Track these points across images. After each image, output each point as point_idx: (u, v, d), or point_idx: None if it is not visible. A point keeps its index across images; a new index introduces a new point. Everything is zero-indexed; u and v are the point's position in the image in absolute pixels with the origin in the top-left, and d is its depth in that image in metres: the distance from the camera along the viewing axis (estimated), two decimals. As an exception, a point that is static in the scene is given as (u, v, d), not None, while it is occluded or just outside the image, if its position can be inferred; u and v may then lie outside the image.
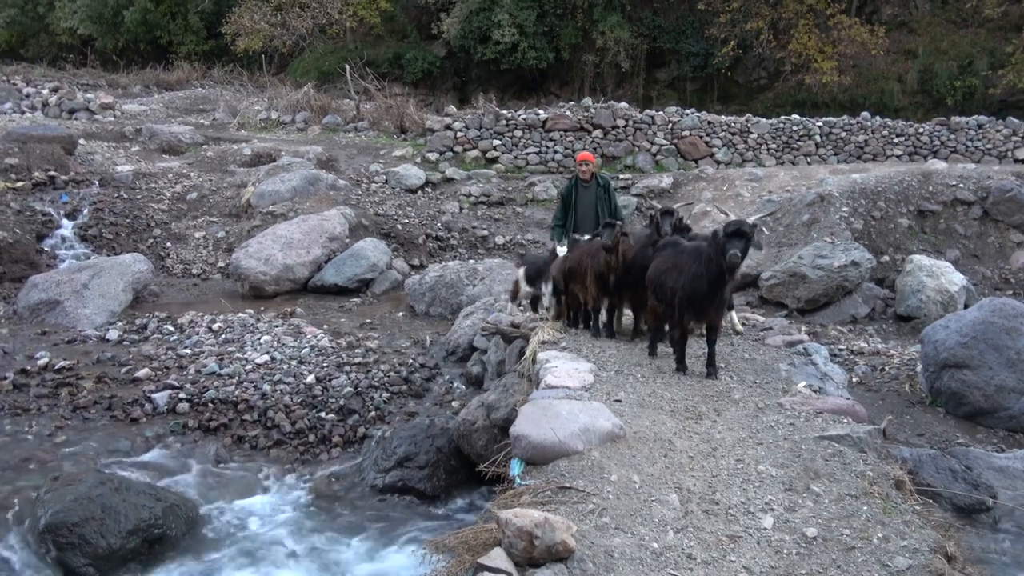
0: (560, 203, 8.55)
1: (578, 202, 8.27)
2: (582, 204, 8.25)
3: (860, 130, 16.31)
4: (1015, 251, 11.94)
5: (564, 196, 8.44)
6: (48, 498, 5.30)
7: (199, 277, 11.99)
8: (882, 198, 12.13)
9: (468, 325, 8.78)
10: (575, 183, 8.33)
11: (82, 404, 7.24)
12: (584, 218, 8.11)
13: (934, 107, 19.57)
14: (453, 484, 6.29)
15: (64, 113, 19.36)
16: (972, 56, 20.00)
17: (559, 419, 4.13)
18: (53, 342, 8.74)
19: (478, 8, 21.22)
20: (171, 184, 14.18)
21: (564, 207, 8.37)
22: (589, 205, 8.20)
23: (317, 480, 6.43)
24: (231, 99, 21.70)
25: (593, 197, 8.27)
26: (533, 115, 16.24)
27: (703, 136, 16.28)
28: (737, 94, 22.45)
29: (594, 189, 8.30)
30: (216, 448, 6.77)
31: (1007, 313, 6.61)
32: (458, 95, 23.60)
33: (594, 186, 8.32)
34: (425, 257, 12.83)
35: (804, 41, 19.89)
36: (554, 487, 3.61)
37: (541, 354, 5.61)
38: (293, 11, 24.27)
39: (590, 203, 8.22)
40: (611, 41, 21.43)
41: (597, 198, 8.28)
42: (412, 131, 18.14)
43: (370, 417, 7.36)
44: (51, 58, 28.97)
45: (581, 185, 8.30)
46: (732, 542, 3.25)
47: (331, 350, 8.75)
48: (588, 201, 8.25)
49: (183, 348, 8.72)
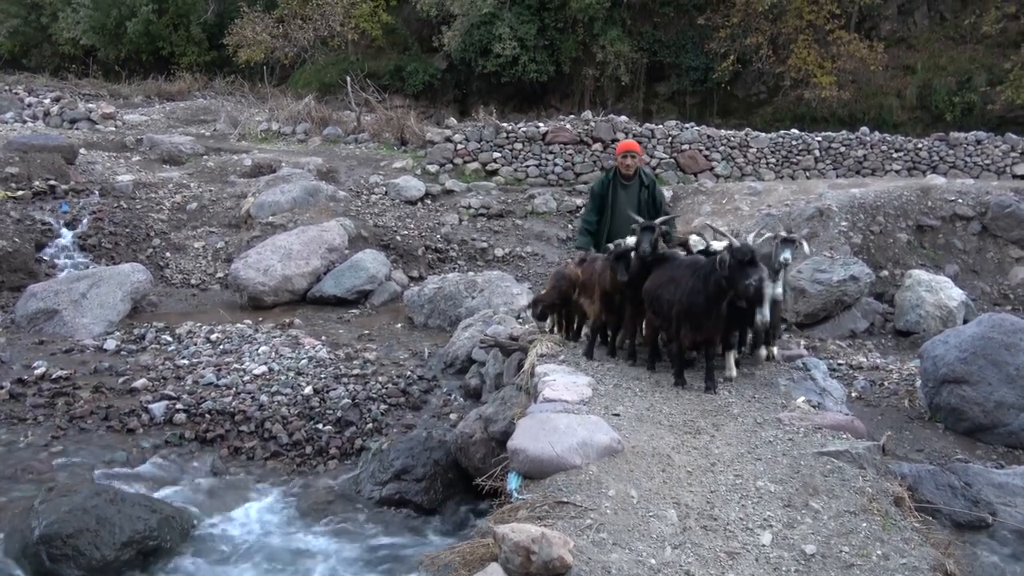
0: (591, 203, 7.00)
1: (616, 203, 6.81)
2: (621, 206, 6.75)
3: (859, 145, 16.35)
4: (1014, 266, 11.95)
5: (598, 194, 6.91)
6: (42, 509, 5.26)
7: (198, 287, 11.98)
8: (881, 213, 12.14)
9: (467, 337, 8.76)
10: (613, 178, 6.85)
11: (78, 414, 7.21)
12: (623, 224, 6.56)
13: (933, 122, 19.63)
14: (450, 497, 6.25)
15: (65, 123, 19.40)
16: (970, 72, 20.09)
17: (557, 433, 4.12)
18: (50, 351, 8.71)
19: (479, 21, 21.31)
20: (171, 194, 14.19)
21: (596, 209, 6.90)
22: (630, 208, 6.63)
23: (314, 492, 6.39)
24: (232, 110, 21.75)
25: (635, 198, 6.80)
26: (533, 128, 16.28)
27: (703, 150, 16.32)
28: (737, 108, 22.53)
29: (637, 188, 6.82)
30: (213, 459, 6.74)
31: (1006, 329, 6.60)
32: (459, 107, 23.67)
33: (637, 184, 6.84)
34: (424, 269, 12.82)
35: (803, 56, 19.97)
36: (551, 502, 3.60)
37: (539, 367, 5.60)
38: (295, 23, 24.38)
39: (631, 206, 6.69)
40: (611, 55, 21.52)
41: (640, 201, 6.80)
42: (412, 143, 18.18)
43: (367, 429, 7.33)
44: (53, 68, 29.06)
45: (621, 182, 6.82)
46: (730, 559, 3.23)
47: (329, 361, 8.72)
48: (629, 203, 6.74)
49: (181, 358, 8.70)
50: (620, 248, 5.58)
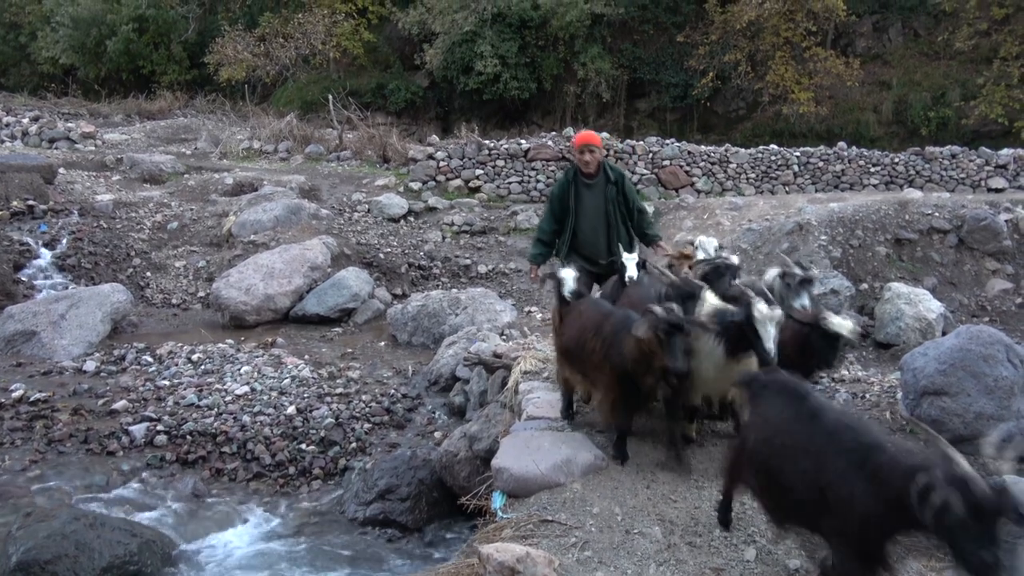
0: (548, 209, 6.04)
1: (580, 207, 5.80)
2: (586, 210, 5.80)
3: (837, 160, 16.56)
4: (990, 279, 12.11)
5: (556, 197, 5.92)
6: (20, 535, 5.17)
7: (179, 307, 11.88)
8: (860, 227, 12.28)
9: (451, 355, 8.74)
10: (573, 179, 5.85)
11: (57, 437, 7.11)
12: (589, 229, 5.79)
13: (909, 137, 19.94)
14: (435, 516, 6.21)
15: (45, 142, 19.25)
16: (945, 87, 20.45)
17: (541, 451, 4.11)
18: (29, 374, 8.60)
19: (461, 40, 21.46)
20: (152, 213, 14.10)
21: (555, 215, 5.92)
22: (596, 211, 5.79)
23: (297, 513, 6.34)
24: (213, 128, 21.69)
25: (601, 198, 5.81)
26: (515, 145, 16.36)
27: (683, 166, 16.46)
28: (716, 124, 22.78)
29: (602, 186, 5.82)
30: (194, 481, 6.66)
31: (984, 340, 6.66)
32: (441, 125, 23.76)
33: (602, 182, 5.83)
34: (407, 286, 12.80)
35: (781, 73, 20.26)
36: (536, 520, 3.59)
37: (523, 384, 5.59)
38: (277, 42, 24.43)
39: (597, 208, 5.79)
40: (592, 72, 21.72)
41: (608, 200, 5.81)
42: (395, 161, 18.20)
43: (351, 449, 7.28)
44: (32, 87, 28.87)
45: (583, 182, 5.82)
46: (715, 575, 3.23)
47: (312, 380, 8.67)
48: (594, 204, 5.80)
49: (161, 379, 8.60)
50: (673, 318, 3.69)
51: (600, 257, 5.80)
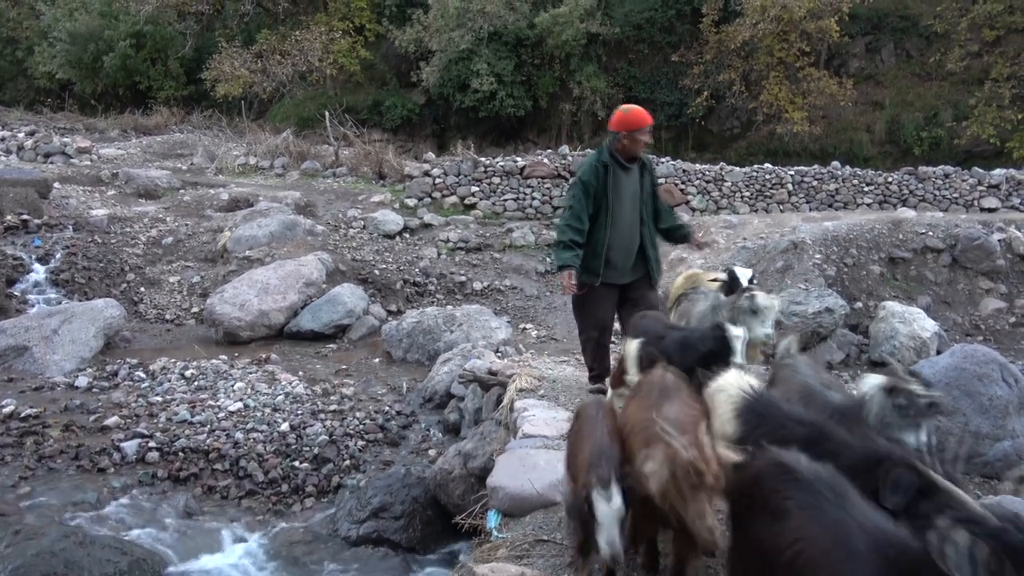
0: (582, 200, 4.88)
1: (618, 198, 4.91)
2: (624, 202, 4.94)
3: (831, 179, 16.64)
4: (984, 298, 12.16)
5: (589, 186, 4.88)
6: (8, 553, 5.12)
7: (173, 323, 11.83)
8: (854, 245, 12.33)
9: (445, 372, 8.72)
10: (612, 162, 4.94)
11: (48, 453, 7.05)
12: (625, 229, 4.93)
13: (902, 157, 20.06)
14: (430, 535, 6.16)
15: (40, 157, 19.20)
16: (937, 108, 20.62)
17: (536, 470, 4.09)
18: (20, 389, 8.53)
19: (457, 57, 21.57)
20: (146, 228, 14.08)
21: (585, 206, 4.86)
22: (631, 201, 4.96)
23: (289, 532, 6.28)
24: (210, 144, 21.70)
25: (636, 187, 5.02)
26: (511, 162, 16.41)
27: (678, 184, 16.51)
28: (711, 143, 22.89)
29: (638, 174, 5.06)
30: (186, 499, 6.60)
31: (978, 359, 6.68)
32: (437, 142, 23.82)
33: (637, 170, 5.06)
34: (402, 303, 12.78)
35: (775, 92, 20.41)
36: (532, 540, 3.56)
37: (519, 402, 5.57)
38: (273, 58, 24.49)
39: (632, 198, 4.97)
40: (588, 90, 21.84)
41: (643, 191, 5.06)
42: (391, 177, 18.22)
43: (345, 466, 7.23)
44: (28, 101, 28.87)
45: (622, 165, 4.98)
46: (712, 596, 3.21)
47: (306, 397, 8.63)
48: (630, 193, 4.96)
49: (154, 395, 8.55)
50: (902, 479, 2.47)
51: (629, 265, 5.04)
